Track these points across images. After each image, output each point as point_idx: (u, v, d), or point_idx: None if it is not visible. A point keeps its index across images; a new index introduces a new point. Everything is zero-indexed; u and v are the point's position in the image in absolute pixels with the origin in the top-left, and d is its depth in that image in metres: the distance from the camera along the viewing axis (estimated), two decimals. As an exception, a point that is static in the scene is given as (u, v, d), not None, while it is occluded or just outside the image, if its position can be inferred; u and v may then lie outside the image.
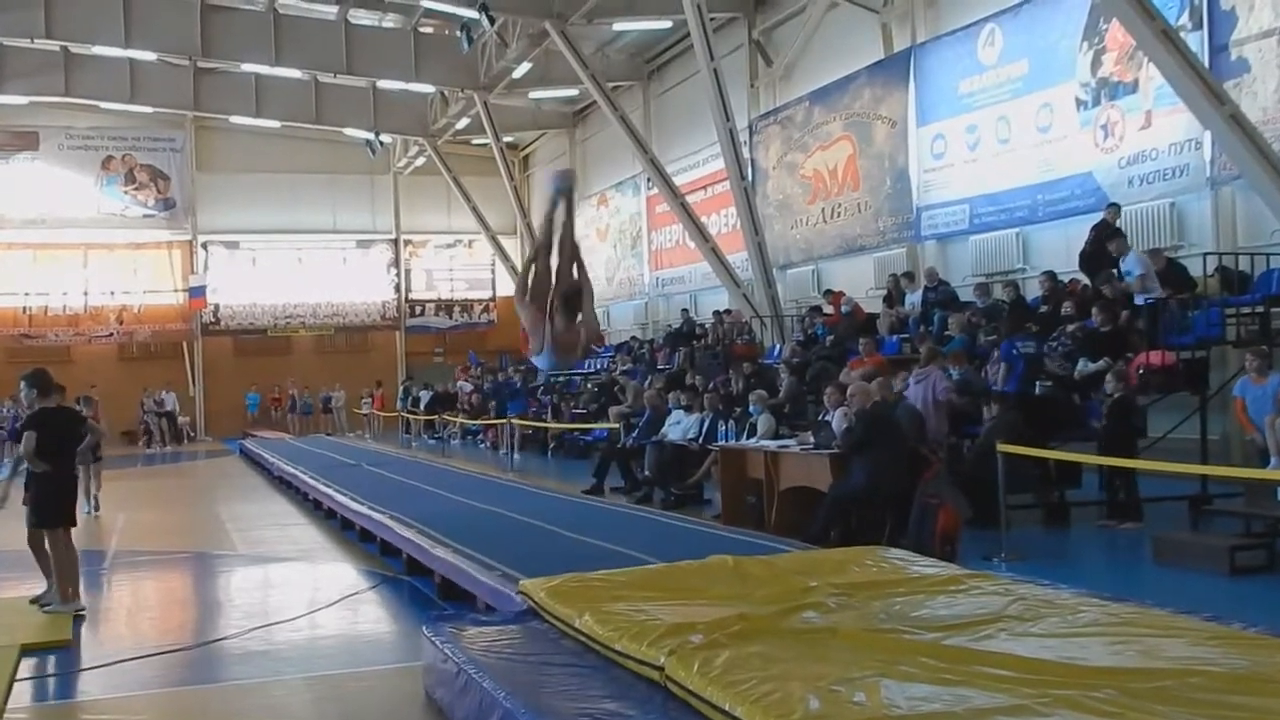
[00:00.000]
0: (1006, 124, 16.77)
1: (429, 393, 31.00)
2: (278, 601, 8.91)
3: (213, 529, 13.57)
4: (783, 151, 22.55)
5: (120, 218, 35.05)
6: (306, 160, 35.70)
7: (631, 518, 10.62)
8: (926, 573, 6.23)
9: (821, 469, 10.00)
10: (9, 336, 34.09)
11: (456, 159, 34.61)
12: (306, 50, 28.32)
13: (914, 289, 17.00)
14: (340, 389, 35.67)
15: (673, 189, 22.18)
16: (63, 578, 8.21)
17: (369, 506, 11.55)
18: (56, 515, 8.21)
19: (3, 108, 32.50)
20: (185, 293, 35.20)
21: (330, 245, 37.09)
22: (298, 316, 36.83)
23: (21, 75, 29.74)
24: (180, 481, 21.76)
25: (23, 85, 30.20)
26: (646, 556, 7.53)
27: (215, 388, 35.73)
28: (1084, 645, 4.55)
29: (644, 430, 15.10)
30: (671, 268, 27.99)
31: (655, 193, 25.99)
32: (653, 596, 5.73)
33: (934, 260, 18.31)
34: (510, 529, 9.61)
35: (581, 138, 33.64)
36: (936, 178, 18.28)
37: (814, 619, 5.18)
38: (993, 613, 5.16)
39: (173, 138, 35.27)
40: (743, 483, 11.42)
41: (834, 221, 21.04)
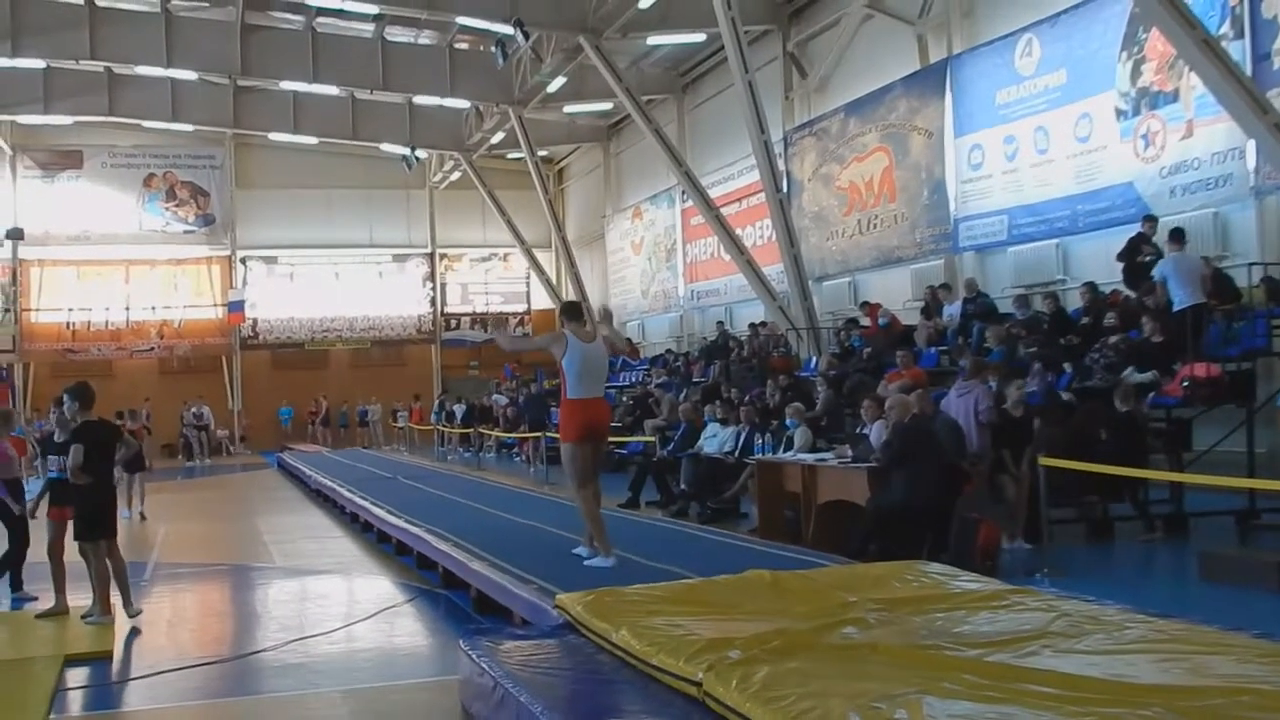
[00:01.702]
0: (1045, 134, 16.64)
1: (464, 406, 31.11)
2: (315, 614, 8.93)
3: (251, 541, 13.66)
4: (818, 163, 22.48)
5: (161, 234, 35.50)
6: (343, 176, 36.02)
7: (668, 531, 10.58)
8: (968, 588, 6.16)
9: (859, 483, 9.92)
10: (53, 351, 34.59)
11: (491, 173, 34.80)
12: (343, 67, 28.59)
13: (952, 301, 16.87)
14: (376, 402, 35.90)
15: (707, 201, 22.17)
16: (105, 588, 8.28)
17: (405, 520, 11.57)
18: (101, 527, 8.30)
19: (48, 128, 33.11)
20: (224, 307, 35.58)
21: (366, 259, 37.37)
22: (334, 330, 37.12)
23: (67, 96, 30.26)
24: (219, 494, 21.92)
25: (68, 105, 30.71)
26: (683, 571, 7.48)
27: (253, 401, 36.05)
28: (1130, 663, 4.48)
29: (680, 443, 15.06)
30: (706, 280, 27.95)
31: (690, 205, 25.97)
32: (690, 611, 5.70)
33: (972, 272, 18.18)
34: (546, 543, 9.59)
35: (616, 151, 33.73)
36: (974, 189, 18.16)
37: (854, 635, 5.13)
38: (1036, 629, 5.09)
39: (212, 155, 35.71)
40: (780, 496, 11.35)
41: (870, 233, 20.94)
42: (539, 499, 14.52)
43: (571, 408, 8.08)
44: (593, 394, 8.10)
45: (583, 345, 8.01)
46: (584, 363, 8.01)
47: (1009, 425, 10.24)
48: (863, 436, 10.92)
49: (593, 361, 8.08)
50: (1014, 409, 10.35)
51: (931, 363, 15.69)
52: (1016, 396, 10.45)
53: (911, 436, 9.51)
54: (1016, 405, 10.37)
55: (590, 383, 8.07)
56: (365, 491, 15.27)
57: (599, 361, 8.19)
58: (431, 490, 15.93)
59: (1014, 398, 10.45)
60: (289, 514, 16.83)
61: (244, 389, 36.08)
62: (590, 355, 8.04)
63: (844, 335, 18.99)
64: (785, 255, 19.85)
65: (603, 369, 8.31)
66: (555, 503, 13.09)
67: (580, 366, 8.00)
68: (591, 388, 8.09)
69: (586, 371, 8.04)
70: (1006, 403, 10.46)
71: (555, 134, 33.53)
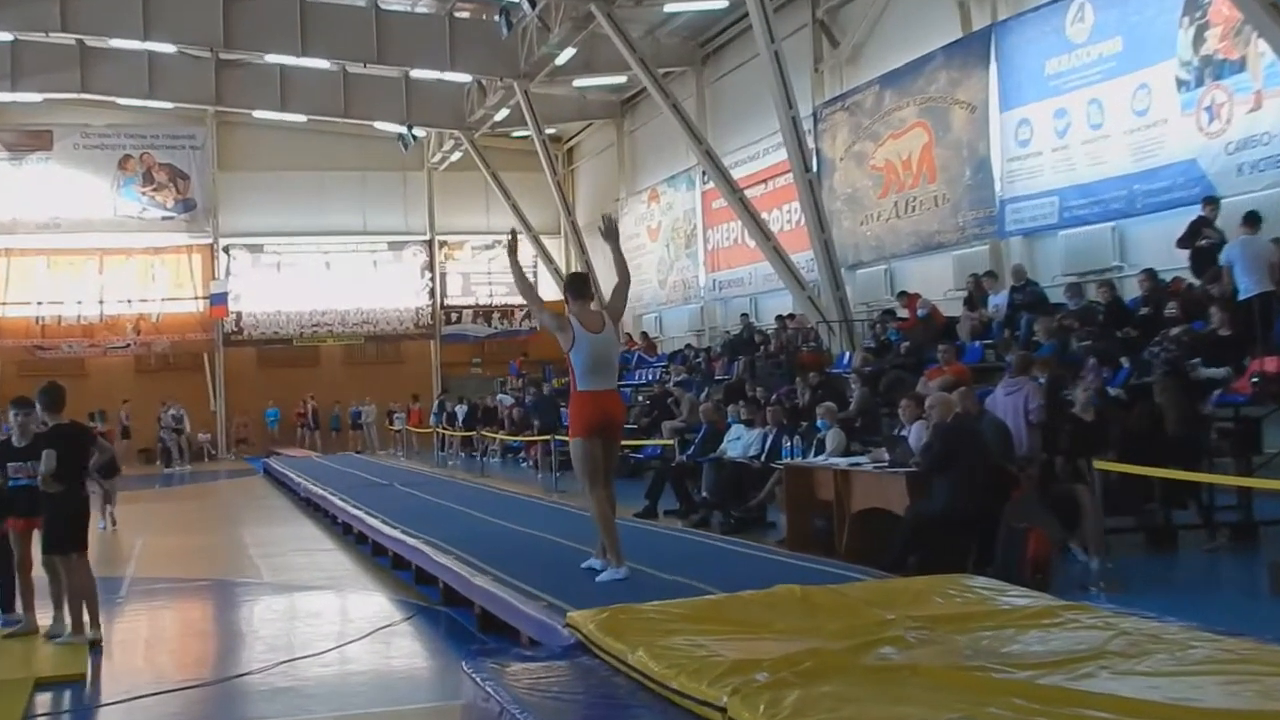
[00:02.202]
0: (1099, 108, 16.56)
1: (465, 407, 31.17)
2: (305, 634, 8.96)
3: (235, 555, 13.71)
4: (851, 141, 22.44)
5: (138, 220, 35.66)
6: (334, 157, 36.13)
7: (688, 543, 10.57)
8: (1017, 604, 6.14)
9: (897, 489, 9.90)
10: (21, 348, 34.76)
11: (495, 153, 34.86)
12: (335, 39, 28.68)
13: (998, 290, 16.83)
14: (370, 403, 36.01)
15: (730, 183, 22.16)
16: (76, 605, 8.31)
17: (402, 531, 11.59)
18: (71, 539, 8.31)
19: (15, 106, 33.26)
20: (206, 300, 35.71)
21: (360, 248, 37.48)
22: (325, 325, 37.24)
23: (35, 71, 30.42)
24: (200, 503, 22.02)
25: (37, 82, 30.87)
26: (705, 586, 7.49)
27: (237, 402, 36.18)
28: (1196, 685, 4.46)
29: (700, 447, 15.05)
30: (729, 269, 27.94)
31: (711, 187, 25.96)
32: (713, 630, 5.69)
33: (1020, 258, 18.12)
34: (556, 555, 9.59)
35: (630, 129, 33.74)
36: (1022, 167, 18.10)
37: (891, 655, 5.12)
38: (1092, 648, 5.06)
39: (193, 134, 35.85)
40: (810, 505, 11.34)
41: (908, 216, 20.90)
42: (548, 507, 14.53)
43: (581, 400, 8.13)
44: (604, 386, 8.17)
45: (590, 337, 8.02)
46: (593, 356, 8.04)
47: (1079, 428, 10.13)
48: (901, 439, 10.90)
49: (602, 354, 8.12)
50: (1083, 412, 10.23)
51: (975, 358, 15.64)
52: (1084, 399, 10.32)
53: (954, 438, 9.49)
54: (1085, 408, 10.26)
55: (601, 375, 8.13)
56: (359, 500, 15.31)
57: (609, 353, 8.23)
58: (431, 498, 15.96)
59: (1082, 400, 10.33)
60: (276, 524, 16.89)
61: (227, 389, 36.22)
62: (599, 347, 8.07)
63: (880, 328, 18.95)
64: (815, 241, 19.81)
65: (613, 360, 8.36)
66: (566, 512, 13.11)
67: (589, 361, 8.03)
68: (602, 380, 8.15)
69: (596, 364, 8.08)
70: (1075, 406, 10.35)
71: (564, 110, 33.56)
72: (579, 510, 12.98)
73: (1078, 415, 10.25)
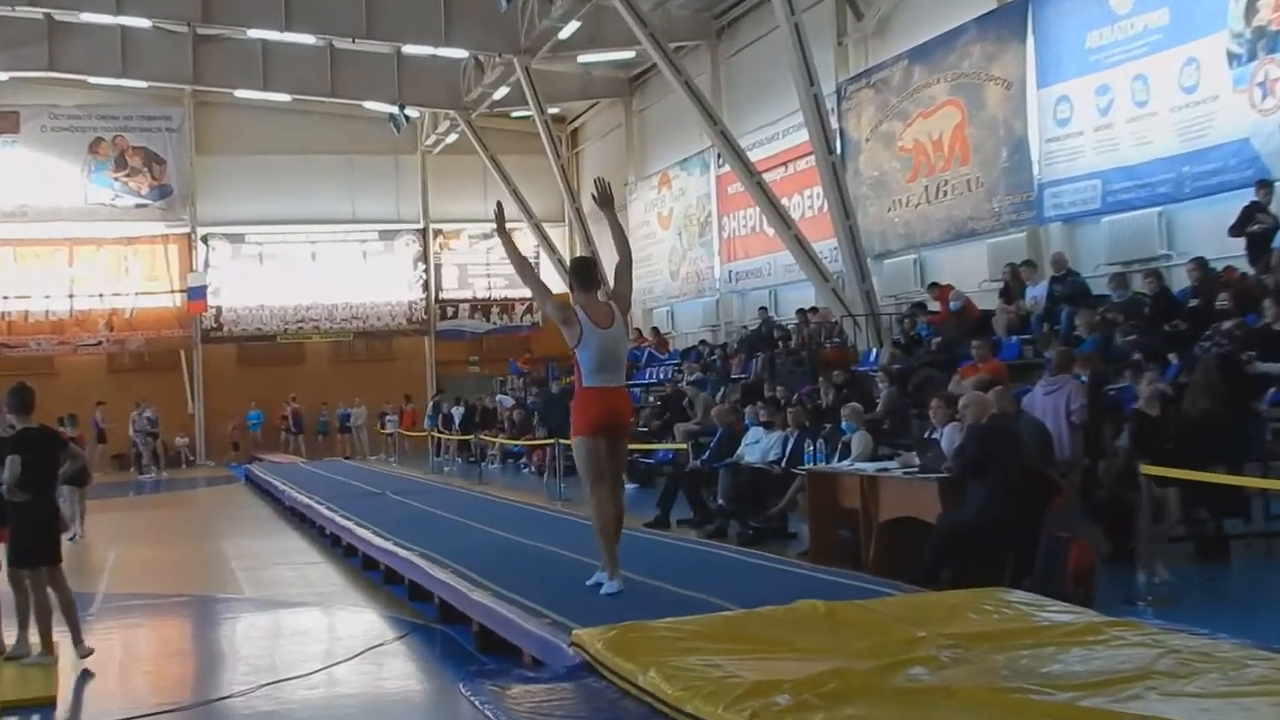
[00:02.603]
0: (1144, 84, 16.52)
1: (463, 409, 31.19)
2: (290, 653, 8.97)
3: (215, 568, 13.75)
4: (877, 120, 22.42)
5: (110, 208, 35.71)
6: (321, 140, 36.16)
7: (703, 555, 10.59)
8: (1057, 620, 6.15)
9: (929, 496, 9.89)
10: (-14, 347, 34.83)
11: (494, 135, 34.87)
12: (321, 13, 28.71)
13: (1036, 281, 16.82)
14: (360, 404, 36.02)
15: (748, 166, 22.13)
16: (45, 623, 8.33)
17: (395, 542, 11.61)
18: (42, 551, 8.33)
19: (-21, 85, 33.31)
20: (183, 294, 35.76)
21: (348, 237, 37.53)
22: (311, 321, 37.28)
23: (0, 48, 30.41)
24: (178, 513, 22.07)
25: (1, 60, 30.92)
26: (721, 601, 7.50)
27: (217, 403, 36.21)
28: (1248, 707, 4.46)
29: (716, 451, 15.06)
30: (747, 259, 27.93)
31: (726, 170, 25.94)
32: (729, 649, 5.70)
33: (1060, 246, 18.08)
34: (561, 569, 9.60)
35: (639, 108, 33.73)
36: (1062, 148, 18.06)
37: (923, 676, 5.12)
38: (1139, 668, 5.07)
39: (169, 116, 35.90)
40: (834, 513, 11.34)
41: (939, 202, 20.87)
42: (552, 517, 14.56)
43: (587, 396, 8.22)
44: (611, 383, 8.28)
45: (598, 332, 8.06)
46: (601, 352, 8.11)
47: (1143, 424, 10.06)
48: (932, 442, 10.89)
49: (610, 349, 8.18)
50: (1148, 407, 10.16)
51: (1013, 354, 15.63)
52: (1150, 392, 10.24)
53: (990, 441, 9.48)
54: (1151, 402, 10.17)
55: (609, 372, 8.22)
56: (348, 509, 15.33)
57: (618, 349, 8.30)
58: (426, 507, 15.99)
59: (1147, 394, 10.25)
60: (259, 536, 16.93)
61: (206, 389, 36.26)
62: (607, 343, 8.13)
63: (909, 323, 18.95)
64: (839, 229, 19.79)
65: (622, 357, 8.45)
66: (571, 522, 13.12)
67: (597, 357, 8.09)
68: (610, 376, 8.24)
69: (604, 361, 8.15)
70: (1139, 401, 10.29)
71: (568, 88, 33.53)
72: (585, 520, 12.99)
73: (1142, 410, 10.15)
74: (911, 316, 19.06)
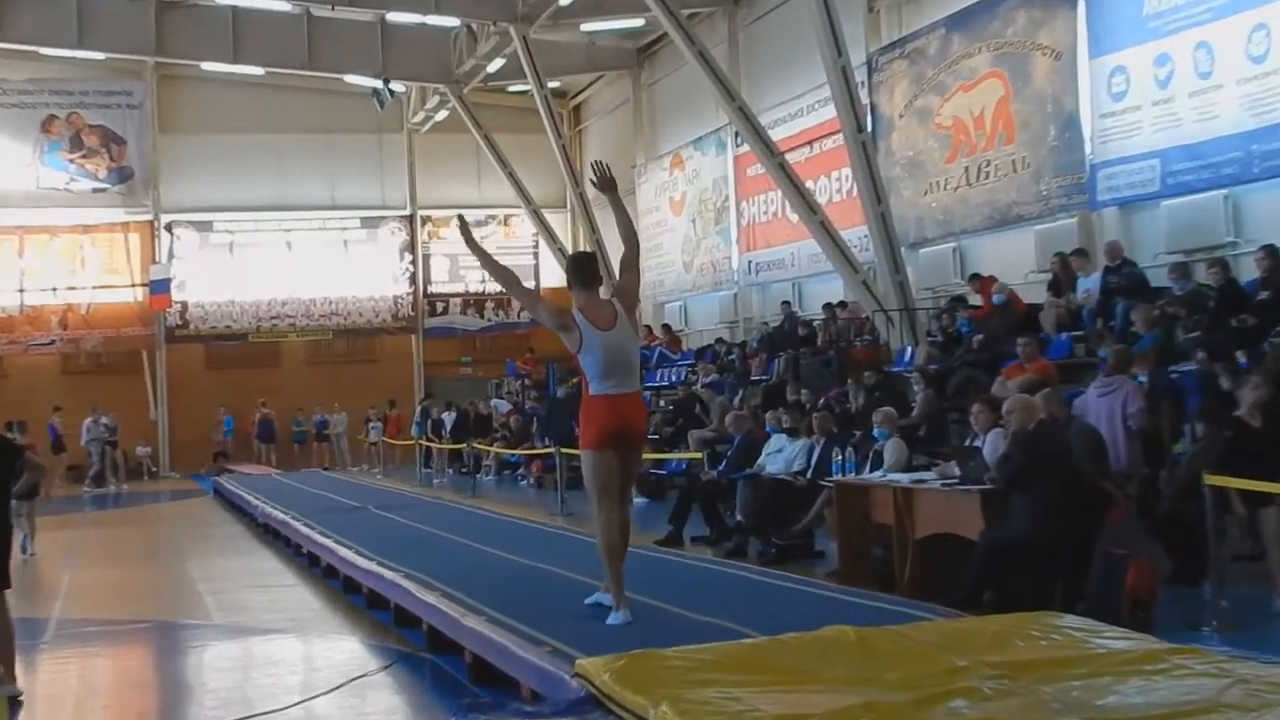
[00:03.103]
0: (1208, 53, 16.48)
1: (454, 414, 31.19)
2: (263, 685, 8.96)
3: (180, 591, 13.76)
4: (912, 94, 22.40)
5: (65, 193, 35.76)
6: (297, 117, 36.23)
7: (719, 576, 10.59)
8: (1113, 647, 6.14)
9: (970, 511, 9.90)
10: (-71, 348, 34.94)
11: (488, 112, 34.88)
12: (296, -24, 28.73)
13: (1089, 271, 16.78)
14: (340, 410, 36.03)
15: (769, 145, 22.12)
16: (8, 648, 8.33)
17: (379, 563, 11.61)
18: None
19: (-83, 58, 33.39)
20: (144, 288, 35.70)
21: (328, 225, 37.58)
22: (286, 317, 37.33)
23: (-60, 16, 30.52)
24: (139, 530, 22.09)
25: (-58, 29, 30.99)
26: (741, 628, 7.50)
27: (183, 409, 36.21)
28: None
29: (734, 461, 15.05)
30: (768, 248, 27.92)
31: (745, 150, 25.93)
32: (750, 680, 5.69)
33: (1115, 233, 18.06)
34: (563, 592, 9.60)
35: (648, 81, 33.72)
36: (1117, 125, 18.02)
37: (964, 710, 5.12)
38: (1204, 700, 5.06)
39: (129, 91, 35.95)
40: (866, 529, 11.36)
41: (981, 184, 20.85)
42: (553, 534, 14.57)
43: (592, 406, 8.20)
44: (621, 389, 8.20)
45: (601, 335, 8.03)
46: (606, 357, 8.06)
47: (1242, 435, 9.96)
48: (974, 450, 10.89)
49: (617, 353, 8.13)
50: (1250, 416, 10.03)
51: (1062, 353, 15.61)
52: (1254, 398, 10.06)
53: (1038, 449, 9.47)
54: (1253, 410, 10.02)
55: (618, 376, 8.17)
56: (327, 526, 15.34)
57: (626, 351, 8.24)
58: (413, 524, 16.00)
59: (1250, 399, 10.07)
60: (229, 555, 16.95)
61: (170, 394, 36.29)
62: (613, 346, 8.09)
63: (948, 318, 18.92)
64: (870, 215, 19.78)
65: (631, 358, 8.37)
66: (574, 539, 13.14)
67: (603, 363, 8.05)
68: (621, 382, 8.19)
69: (611, 366, 8.10)
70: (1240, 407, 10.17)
71: (571, 60, 33.53)
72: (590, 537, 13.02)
73: (1244, 420, 10.04)
74: (950, 311, 19.02)
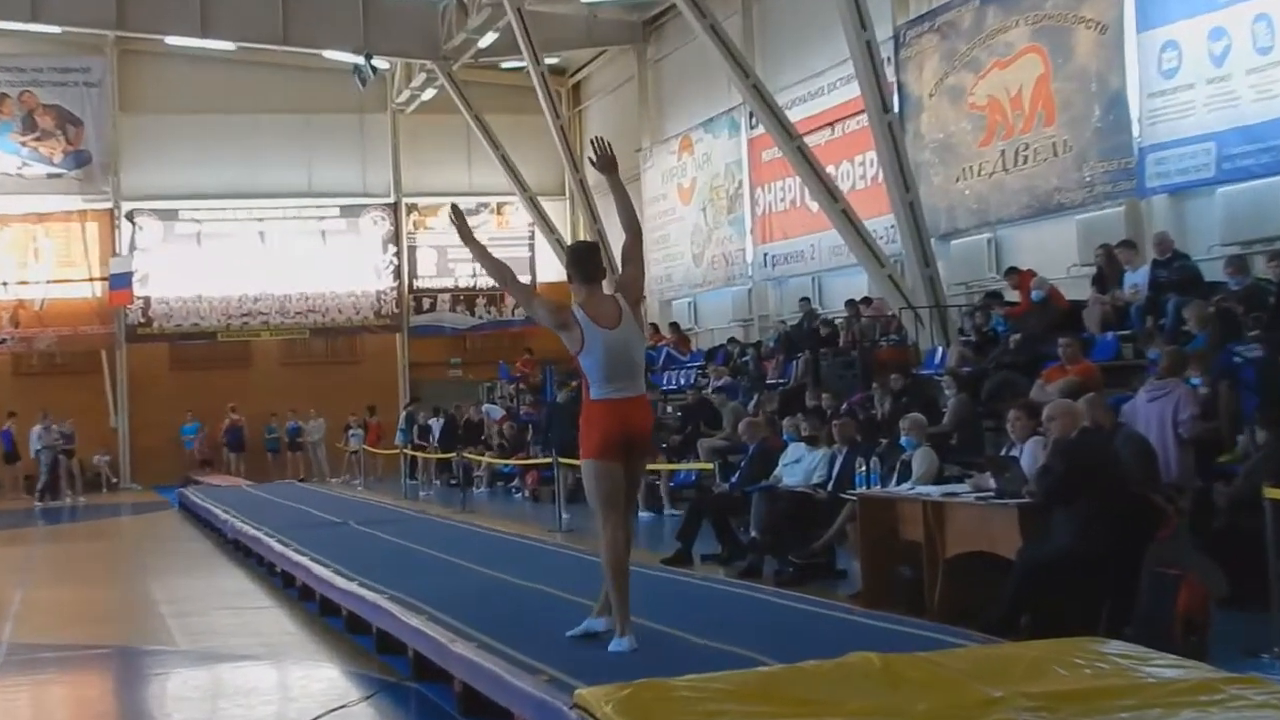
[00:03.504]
0: (1268, 25, 16.48)
1: (442, 421, 31.18)
2: (233, 717, 8.97)
3: (142, 614, 13.73)
4: (943, 71, 22.40)
5: (16, 179, 35.80)
6: (271, 96, 36.28)
7: (733, 598, 10.56)
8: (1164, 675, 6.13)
9: (1007, 526, 9.89)
10: None
11: (479, 90, 34.89)
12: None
13: (1137, 265, 16.79)
14: (318, 416, 35.98)
15: (786, 127, 22.12)
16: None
17: (360, 583, 11.59)
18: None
19: None
20: (104, 283, 35.70)
21: (304, 214, 37.62)
22: (259, 315, 37.34)
23: (-120, -13, 30.59)
24: (97, 546, 22.10)
25: (-118, 0, 31.05)
26: (755, 654, 7.49)
27: (146, 414, 36.19)
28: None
29: (748, 473, 15.05)
30: (785, 240, 27.92)
31: (761, 133, 25.93)
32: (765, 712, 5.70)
33: (1165, 223, 18.06)
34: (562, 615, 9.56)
35: (655, 57, 33.71)
36: (1167, 105, 18.02)
37: (1001, 744, 5.11)
38: (1265, 735, 5.05)
39: (87, 68, 35.98)
40: (892, 547, 11.35)
41: (1019, 169, 20.84)
42: (550, 552, 14.56)
43: (594, 411, 8.13)
44: (625, 392, 8.13)
45: (604, 334, 7.98)
46: (609, 357, 8.01)
47: None
48: (1011, 460, 10.88)
49: (621, 354, 8.08)
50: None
51: (1108, 354, 15.61)
52: None
53: (1081, 459, 9.46)
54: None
55: (622, 379, 8.10)
56: (303, 543, 15.32)
57: (629, 350, 8.17)
58: (397, 540, 15.98)
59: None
60: (196, 575, 16.93)
61: (131, 398, 36.29)
62: (616, 346, 8.03)
63: (982, 316, 18.91)
64: (897, 203, 19.78)
65: (636, 359, 8.31)
66: (573, 557, 13.14)
67: (605, 364, 8.00)
68: (623, 384, 8.12)
69: (614, 368, 8.04)
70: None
71: (570, 34, 33.55)
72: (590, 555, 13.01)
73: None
74: (985, 309, 19.01)
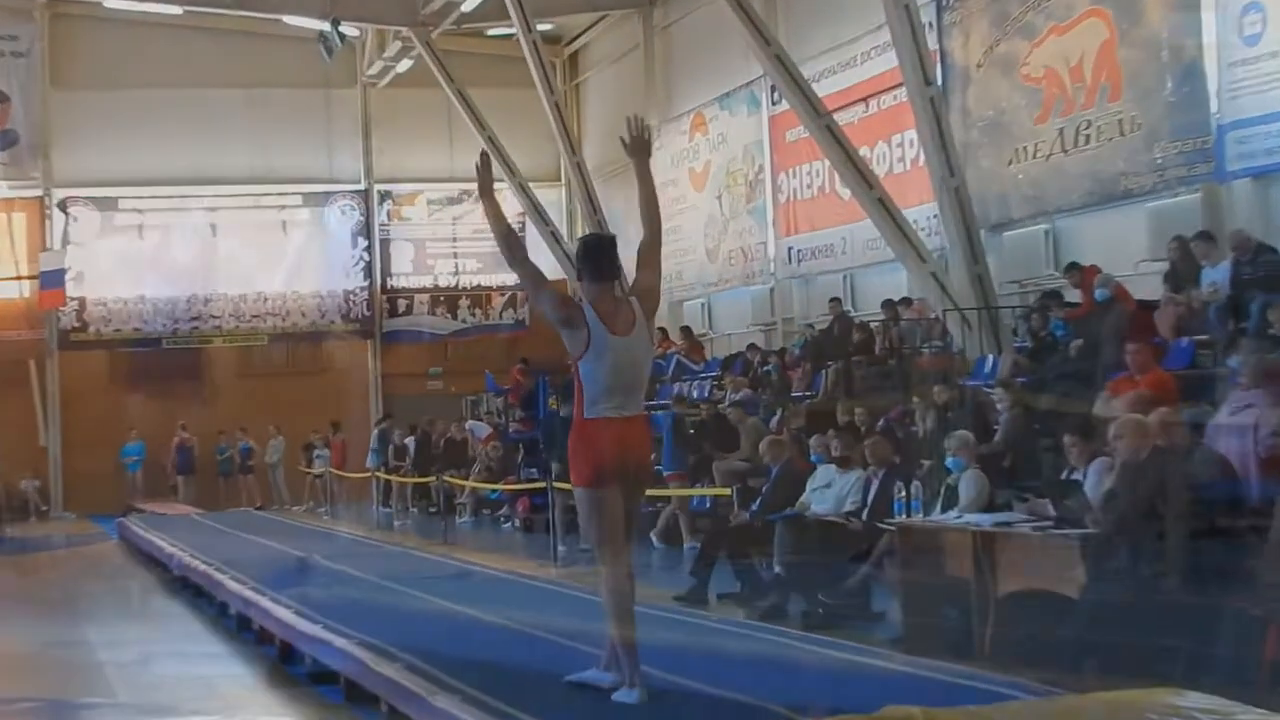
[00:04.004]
0: (1367, -16, 16.52)
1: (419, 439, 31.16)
2: (182, 780, 8.99)
3: (77, 662, 13.69)
4: (993, 39, 22.40)
5: (-68, 164, 35.92)
6: (224, 68, 36.25)
7: (754, 642, 10.59)
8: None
9: (1068, 560, 9.90)
10: None
11: (463, 61, 34.89)
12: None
13: (1216, 260, 16.76)
14: (277, 434, 35.95)
15: (813, 103, 22.11)
16: None
17: (326, 626, 11.60)
18: None
19: None
20: (32, 281, 35.74)
21: (262, 203, 37.67)
22: (211, 319, 37.31)
23: None
24: (24, 583, 22.09)
25: None
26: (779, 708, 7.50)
27: (81, 433, 36.17)
28: None
29: (771, 499, 15.06)
30: (812, 231, 27.93)
31: (784, 109, 25.95)
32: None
33: (1249, 213, 18.06)
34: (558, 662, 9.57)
35: (663, 23, 33.72)
36: (1251, 76, 18.01)
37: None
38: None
39: (14, 36, 36.02)
40: (936, 584, 11.37)
41: (1079, 151, 20.83)
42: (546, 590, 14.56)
43: (586, 431, 8.11)
44: (623, 412, 8.11)
45: (613, 340, 7.94)
46: (614, 368, 7.98)
47: None
48: (1073, 484, 10.86)
49: (628, 365, 8.05)
50: None
51: (1183, 362, 15.58)
52: None
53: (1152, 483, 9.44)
54: None
55: (621, 395, 8.09)
56: (261, 580, 15.34)
57: (637, 364, 8.16)
58: (369, 577, 16.01)
59: None
60: (137, 616, 16.99)
61: (64, 412, 36.27)
62: (624, 357, 8.00)
63: (1038, 319, 18.89)
64: (941, 190, 19.78)
65: (641, 374, 8.31)
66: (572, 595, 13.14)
67: (608, 376, 7.97)
68: (623, 402, 8.10)
69: (617, 381, 8.02)
70: None
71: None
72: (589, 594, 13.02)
73: None
74: (1042, 310, 18.99)
